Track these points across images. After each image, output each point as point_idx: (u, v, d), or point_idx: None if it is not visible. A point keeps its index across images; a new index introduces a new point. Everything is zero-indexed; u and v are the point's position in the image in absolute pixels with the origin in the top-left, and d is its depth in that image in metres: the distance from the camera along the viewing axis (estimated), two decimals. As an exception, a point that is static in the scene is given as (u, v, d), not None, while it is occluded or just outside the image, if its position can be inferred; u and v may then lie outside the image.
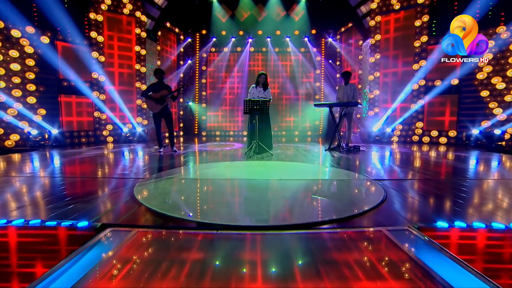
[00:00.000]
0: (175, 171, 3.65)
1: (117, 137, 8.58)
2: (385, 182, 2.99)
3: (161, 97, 5.68)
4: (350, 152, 6.06)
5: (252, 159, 4.93)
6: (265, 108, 5.27)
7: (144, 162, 4.66)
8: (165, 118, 5.90)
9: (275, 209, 2.15)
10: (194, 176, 3.37)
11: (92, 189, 2.77)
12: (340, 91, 6.50)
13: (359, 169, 3.94)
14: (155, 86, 5.77)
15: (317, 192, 2.73)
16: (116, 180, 3.18)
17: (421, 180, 3.19)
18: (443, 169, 4.04)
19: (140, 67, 8.85)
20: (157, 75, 5.77)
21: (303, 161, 4.72)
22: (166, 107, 5.80)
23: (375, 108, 8.79)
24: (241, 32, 11.67)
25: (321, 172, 3.70)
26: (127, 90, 8.73)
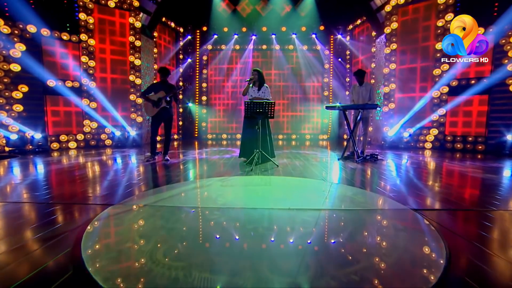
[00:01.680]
0: (154, 194, 2.89)
1: (109, 141, 7.89)
2: (429, 213, 2.20)
3: (158, 99, 4.96)
4: (367, 161, 5.25)
5: (254, 171, 4.17)
6: (269, 111, 4.50)
7: (126, 176, 3.92)
8: (165, 122, 5.19)
9: (285, 280, 1.37)
10: (175, 203, 2.61)
11: (23, 226, 2.03)
12: (354, 92, 5.69)
13: (386, 188, 3.14)
14: (155, 86, 5.07)
15: (344, 237, 1.94)
16: (72, 208, 2.44)
17: (487, 212, 2.38)
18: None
19: (135, 59, 8.14)
20: (161, 73, 5.07)
21: (315, 175, 3.93)
22: (167, 110, 5.08)
23: (389, 104, 7.95)
24: (244, 28, 10.90)
25: (341, 197, 2.91)
26: (121, 89, 8.03)
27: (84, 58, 7.34)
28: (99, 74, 7.71)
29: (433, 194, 2.95)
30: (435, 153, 6.69)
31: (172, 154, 6.35)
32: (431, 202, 2.68)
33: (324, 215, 2.25)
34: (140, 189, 3.05)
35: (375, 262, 1.50)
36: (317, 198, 2.75)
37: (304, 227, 1.97)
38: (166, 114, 5.10)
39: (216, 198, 2.69)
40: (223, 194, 2.83)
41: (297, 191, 3.05)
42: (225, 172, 4.15)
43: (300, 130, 11.35)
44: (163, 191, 2.95)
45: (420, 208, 2.41)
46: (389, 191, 3.03)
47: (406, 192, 3.01)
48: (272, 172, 4.12)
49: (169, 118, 5.17)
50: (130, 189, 3.09)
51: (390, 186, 3.28)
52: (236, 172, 4.15)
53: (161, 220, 2.14)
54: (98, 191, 3.02)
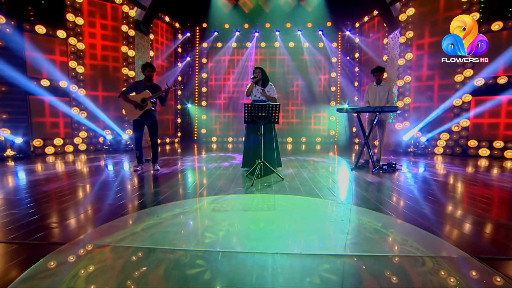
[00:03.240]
0: (121, 226, 2.25)
1: (99, 146, 7.29)
2: (503, 265, 1.53)
3: (142, 100, 4.34)
4: (385, 172, 4.57)
5: (256, 186, 3.51)
6: (274, 115, 3.84)
7: (102, 193, 3.29)
8: (148, 126, 4.56)
9: None
10: (145, 242, 1.96)
11: None
12: (370, 92, 5.01)
13: (422, 216, 2.46)
14: (139, 85, 4.44)
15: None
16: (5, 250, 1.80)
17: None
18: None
19: (128, 50, 7.53)
20: (145, 70, 4.43)
21: (327, 191, 3.26)
22: (150, 113, 4.45)
23: (403, 105, 7.25)
24: (246, 25, 10.25)
25: (368, 231, 2.24)
26: (111, 93, 7.43)
27: (72, 58, 6.75)
28: (88, 71, 7.12)
29: (495, 229, 2.27)
30: (458, 161, 5.97)
31: (165, 161, 5.72)
32: (499, 243, 2.00)
33: (351, 266, 1.58)
34: (109, 214, 2.42)
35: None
36: (336, 232, 2.09)
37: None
38: (150, 118, 4.47)
39: (202, 233, 2.03)
40: (213, 226, 2.18)
41: (308, 219, 2.38)
42: (222, 187, 3.50)
43: (306, 133, 10.66)
44: (135, 220, 2.30)
45: (487, 256, 1.74)
46: (427, 220, 2.35)
47: (451, 223, 2.33)
48: (277, 188, 3.46)
49: (154, 123, 4.54)
50: (98, 214, 2.45)
51: (425, 211, 2.60)
52: (235, 187, 3.49)
53: (115, 278, 1.50)
54: (54, 219, 2.39)
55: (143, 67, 4.40)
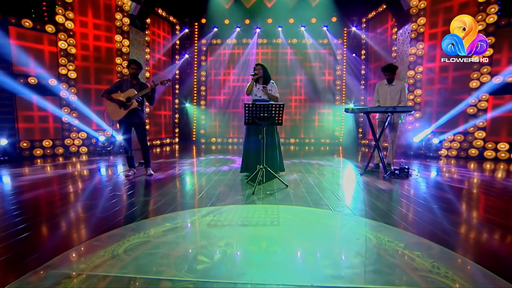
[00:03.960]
0: (97, 247, 1.99)
1: (92, 147, 7.03)
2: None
3: (127, 99, 4.08)
4: (397, 177, 4.29)
5: (257, 195, 3.24)
6: (277, 116, 3.57)
7: (85, 204, 3.03)
8: (135, 128, 4.30)
9: None
10: (123, 270, 1.69)
11: None
12: (381, 91, 4.73)
13: (448, 232, 2.19)
14: (124, 83, 4.18)
15: None
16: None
17: None
18: None
19: (122, 43, 7.28)
20: (129, 68, 4.17)
21: (336, 200, 2.99)
22: (136, 113, 4.19)
23: (414, 104, 6.96)
24: (247, 20, 9.97)
25: (390, 254, 1.97)
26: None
27: (62, 55, 6.49)
28: (80, 68, 6.86)
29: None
30: (475, 165, 5.68)
31: (160, 164, 5.46)
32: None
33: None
34: (90, 230, 2.15)
35: None
36: (352, 255, 1.81)
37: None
38: (137, 118, 4.21)
39: (195, 256, 1.76)
40: (208, 246, 1.91)
41: (318, 238, 2.11)
42: (220, 195, 3.23)
43: (310, 133, 10.38)
44: (117, 239, 2.04)
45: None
46: (453, 237, 2.07)
47: (487, 243, 2.05)
48: (280, 197, 3.19)
49: (141, 124, 4.28)
50: (77, 230, 2.19)
51: (450, 227, 2.32)
52: (234, 195, 3.23)
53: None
54: (22, 237, 2.12)
55: (128, 64, 4.15)
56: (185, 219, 2.42)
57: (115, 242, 1.94)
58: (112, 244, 1.92)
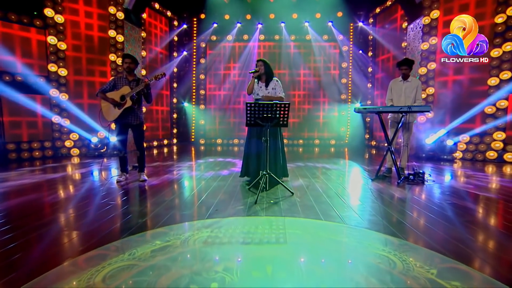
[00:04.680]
0: (75, 269, 1.72)
1: (84, 150, 6.78)
2: None
3: (121, 97, 3.83)
4: (411, 183, 4.02)
5: (260, 204, 2.98)
6: (282, 117, 3.31)
7: (69, 215, 2.77)
8: (132, 129, 4.06)
9: None
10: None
11: None
12: (395, 89, 4.45)
13: (484, 251, 1.92)
14: (119, 80, 3.95)
15: None
16: None
17: None
18: None
19: (116, 38, 7.02)
20: (124, 62, 3.93)
21: (349, 211, 2.72)
22: (132, 112, 3.95)
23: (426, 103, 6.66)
24: (249, 16, 9.72)
25: (419, 282, 1.69)
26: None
27: (52, 52, 6.25)
28: (71, 53, 6.62)
29: None
30: (494, 168, 5.39)
31: (156, 168, 5.20)
32: None
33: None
34: (68, 248, 1.89)
35: None
36: (373, 283, 1.54)
37: None
38: (133, 119, 3.96)
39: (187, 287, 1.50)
40: (203, 272, 1.64)
41: (333, 261, 1.84)
42: (219, 204, 2.97)
43: (314, 133, 10.10)
44: (95, 263, 1.77)
45: None
46: (498, 262, 1.80)
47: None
48: (286, 206, 2.92)
49: (138, 125, 4.03)
50: (52, 250, 1.93)
51: (484, 246, 2.04)
52: (235, 204, 2.96)
53: None
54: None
55: (122, 59, 3.90)
56: (178, 235, 2.16)
57: (93, 267, 1.67)
58: (90, 269, 1.66)
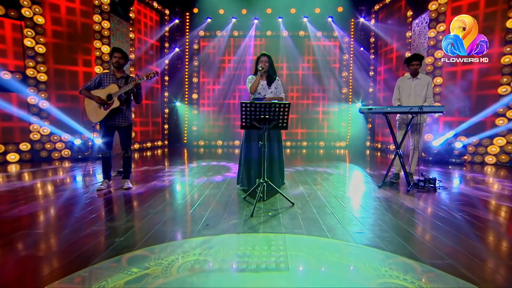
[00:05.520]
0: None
1: (66, 153, 6.44)
2: None
3: (107, 96, 3.53)
4: (422, 190, 3.77)
5: (257, 217, 2.70)
6: (282, 118, 3.03)
7: (35, 232, 2.46)
8: (119, 131, 3.76)
9: None
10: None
11: None
12: (403, 87, 4.20)
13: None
14: (106, 77, 3.65)
15: None
16: None
17: None
18: None
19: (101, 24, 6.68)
20: (113, 56, 3.62)
21: (357, 224, 2.45)
22: (120, 113, 3.66)
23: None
24: (244, 10, 9.44)
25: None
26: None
27: (29, 42, 5.90)
28: (50, 39, 6.27)
29: None
30: (505, 172, 5.18)
31: (144, 173, 4.90)
32: None
33: None
34: (14, 285, 1.59)
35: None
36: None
37: None
38: (121, 120, 3.67)
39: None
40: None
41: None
42: (210, 216, 2.68)
43: (313, 134, 9.85)
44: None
45: None
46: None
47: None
48: (286, 219, 2.64)
49: (126, 127, 3.74)
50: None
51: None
52: (228, 218, 2.68)
53: None
54: None
55: (110, 53, 3.60)
56: (160, 260, 1.87)
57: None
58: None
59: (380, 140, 8.96)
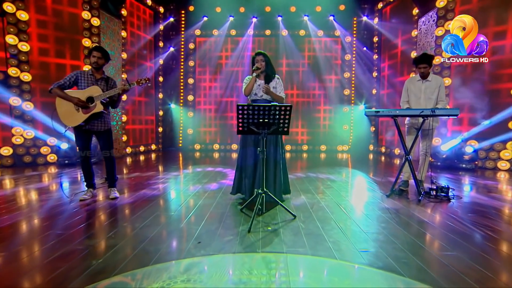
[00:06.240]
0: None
1: (52, 158, 6.19)
2: None
3: (88, 98, 3.29)
4: (434, 200, 3.56)
5: (255, 233, 2.48)
6: (282, 122, 2.81)
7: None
8: (98, 136, 3.53)
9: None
10: None
11: None
12: (412, 89, 3.99)
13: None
14: (83, 77, 3.40)
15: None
16: None
17: None
18: None
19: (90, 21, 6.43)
20: (91, 56, 3.39)
21: (368, 241, 2.23)
22: (100, 118, 3.43)
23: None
24: (242, 8, 9.26)
25: None
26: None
27: (11, 39, 5.68)
28: (35, 29, 6.04)
29: None
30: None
31: (134, 180, 4.66)
32: None
33: None
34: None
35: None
36: None
37: None
38: (100, 125, 3.43)
39: None
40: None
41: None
42: (202, 232, 2.45)
43: (313, 137, 9.64)
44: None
45: None
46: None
47: None
48: (288, 235, 2.42)
49: (106, 132, 3.51)
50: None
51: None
52: (223, 234, 2.44)
53: None
54: None
55: (88, 52, 3.36)
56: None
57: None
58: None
59: (384, 144, 8.76)
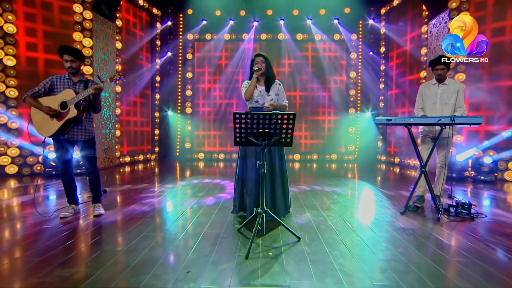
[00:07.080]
0: None
1: (39, 168, 5.97)
2: None
3: (61, 104, 3.06)
4: (456, 220, 3.27)
5: (254, 260, 2.20)
6: (285, 132, 2.56)
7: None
8: (79, 146, 3.30)
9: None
10: None
11: None
12: (428, 94, 3.76)
13: None
14: (59, 82, 3.18)
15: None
16: None
17: None
18: None
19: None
20: (65, 61, 3.15)
21: (384, 271, 1.95)
22: (79, 125, 3.19)
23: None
24: (243, 12, 9.13)
25: None
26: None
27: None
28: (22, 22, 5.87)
29: None
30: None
31: (124, 193, 4.40)
32: None
33: None
34: None
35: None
36: None
37: None
38: (81, 133, 3.20)
39: None
40: None
41: None
42: (193, 258, 2.18)
43: (318, 146, 9.38)
44: None
45: None
46: None
47: None
48: (291, 262, 2.15)
49: (87, 140, 3.26)
50: None
51: None
52: (217, 261, 2.17)
53: None
54: None
55: (59, 53, 3.10)
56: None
57: None
58: None
59: (392, 153, 8.48)
